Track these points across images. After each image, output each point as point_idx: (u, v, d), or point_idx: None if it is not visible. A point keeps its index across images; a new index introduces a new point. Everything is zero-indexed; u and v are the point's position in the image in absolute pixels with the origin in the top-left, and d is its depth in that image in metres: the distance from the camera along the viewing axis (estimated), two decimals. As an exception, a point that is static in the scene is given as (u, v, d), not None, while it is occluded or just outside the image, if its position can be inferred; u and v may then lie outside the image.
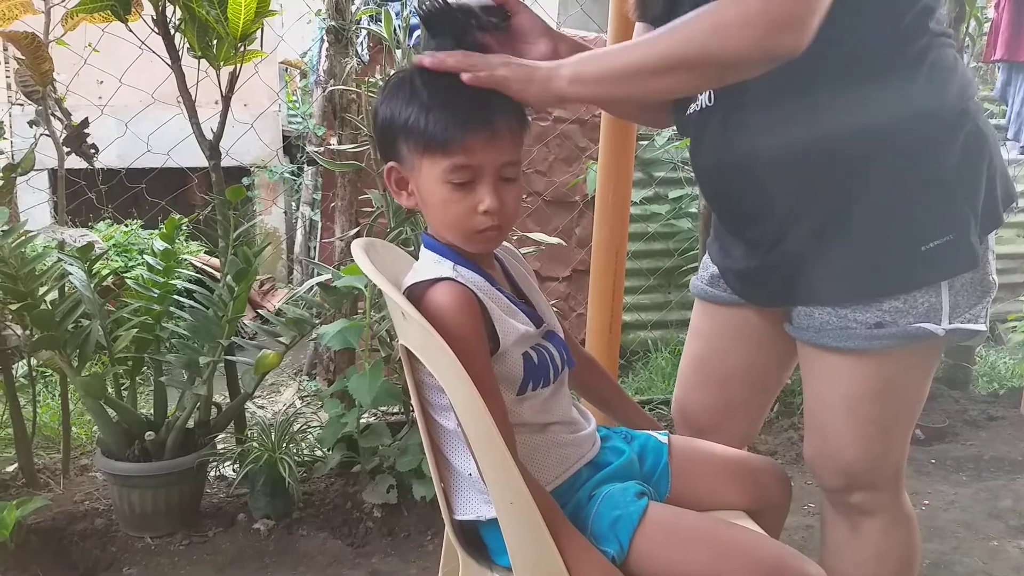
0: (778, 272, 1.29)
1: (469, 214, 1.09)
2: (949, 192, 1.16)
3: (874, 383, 1.24)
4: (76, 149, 2.46)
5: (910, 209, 1.16)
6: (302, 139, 5.35)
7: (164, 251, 2.41)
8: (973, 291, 1.19)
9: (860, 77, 1.15)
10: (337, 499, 2.44)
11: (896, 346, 1.19)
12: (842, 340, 1.22)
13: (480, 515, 1.14)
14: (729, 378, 1.51)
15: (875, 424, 1.26)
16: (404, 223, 2.41)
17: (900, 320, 1.18)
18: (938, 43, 1.18)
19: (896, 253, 1.17)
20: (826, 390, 1.29)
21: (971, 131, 1.17)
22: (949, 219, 1.16)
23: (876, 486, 1.32)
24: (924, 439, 3.13)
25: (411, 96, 1.09)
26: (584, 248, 3.59)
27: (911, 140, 1.15)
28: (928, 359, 1.26)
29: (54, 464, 2.65)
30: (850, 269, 1.19)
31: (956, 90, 1.18)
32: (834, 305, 1.22)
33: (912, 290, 1.17)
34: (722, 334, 1.50)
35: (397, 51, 2.46)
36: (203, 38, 2.22)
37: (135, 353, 2.39)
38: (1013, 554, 2.27)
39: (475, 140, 1.06)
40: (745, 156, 1.23)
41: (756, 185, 1.24)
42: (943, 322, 1.17)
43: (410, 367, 1.14)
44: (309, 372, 3.81)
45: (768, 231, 1.27)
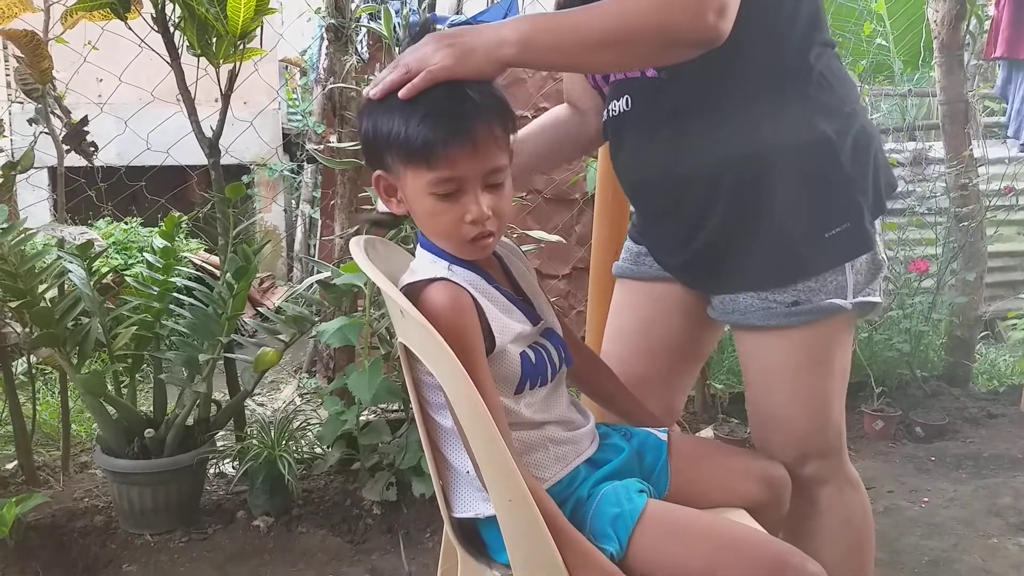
0: (700, 264, 1.38)
1: (456, 224, 1.08)
2: (844, 185, 1.29)
3: (803, 355, 1.35)
4: (76, 147, 2.46)
5: (812, 201, 1.28)
6: (302, 137, 5.35)
7: (164, 249, 2.41)
8: (869, 269, 1.33)
9: (758, 87, 1.26)
10: (336, 496, 2.44)
11: (813, 321, 1.31)
12: (765, 319, 1.33)
13: (479, 513, 1.14)
14: (655, 349, 1.56)
15: (816, 393, 1.37)
16: (403, 221, 2.41)
17: (814, 298, 1.30)
18: (826, 54, 1.31)
19: (805, 240, 1.29)
20: (763, 368, 1.39)
21: (859, 130, 1.30)
22: (846, 208, 1.29)
23: (826, 454, 1.41)
24: (924, 436, 3.14)
25: (391, 108, 1.07)
26: (584, 246, 3.58)
27: (809, 141, 1.27)
28: (844, 331, 1.38)
29: (54, 461, 2.65)
30: (767, 257, 1.30)
31: (843, 95, 1.32)
32: (756, 290, 1.33)
33: (821, 271, 1.29)
34: (648, 307, 1.56)
35: (396, 49, 2.45)
36: (203, 36, 2.22)
37: (135, 350, 2.40)
38: (1012, 551, 2.27)
39: (456, 153, 1.04)
40: (657, 160, 1.34)
41: (670, 186, 1.35)
42: (849, 297, 1.31)
43: (408, 365, 1.14)
44: (309, 370, 3.81)
45: (686, 227, 1.36)
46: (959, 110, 3.56)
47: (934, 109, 3.88)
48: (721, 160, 1.28)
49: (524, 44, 1.10)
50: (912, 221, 3.61)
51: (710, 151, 1.28)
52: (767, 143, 1.26)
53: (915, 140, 4.00)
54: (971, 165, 3.56)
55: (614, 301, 1.67)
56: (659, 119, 1.32)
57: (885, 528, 2.40)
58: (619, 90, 1.39)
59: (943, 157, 3.65)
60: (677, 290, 1.50)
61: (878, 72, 5.23)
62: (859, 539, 1.46)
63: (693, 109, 1.29)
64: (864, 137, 1.31)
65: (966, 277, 3.58)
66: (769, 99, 1.26)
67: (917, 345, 3.48)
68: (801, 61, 1.27)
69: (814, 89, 1.28)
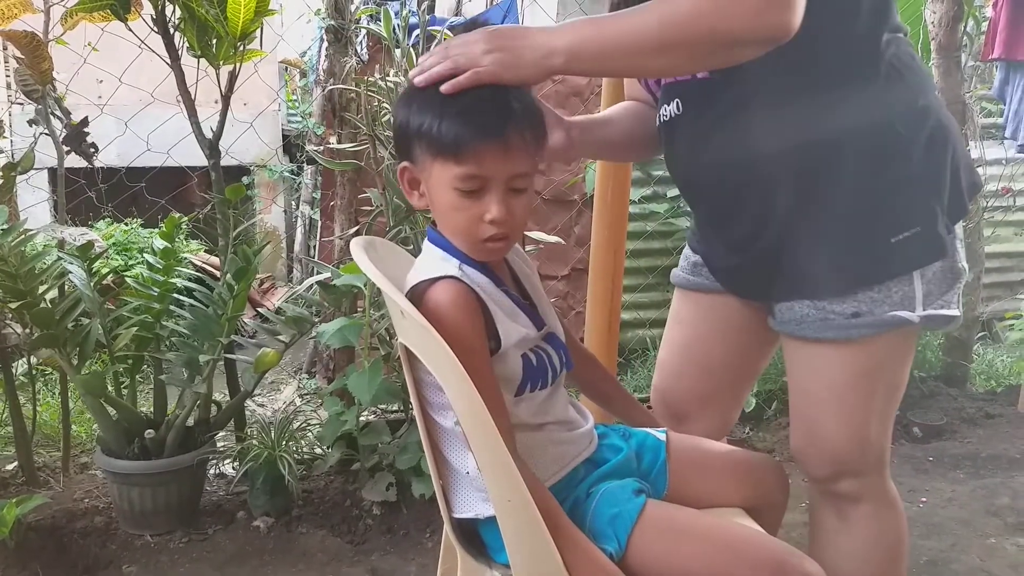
0: (757, 270, 1.33)
1: (475, 222, 1.09)
2: (915, 186, 1.20)
3: (856, 371, 1.27)
4: (76, 148, 2.47)
5: (878, 204, 1.20)
6: (302, 138, 5.35)
7: (164, 250, 2.41)
8: (944, 279, 1.24)
9: (821, 81, 1.18)
10: (336, 497, 2.45)
11: (873, 334, 1.23)
12: (822, 331, 1.25)
13: (478, 513, 1.14)
14: (714, 365, 1.52)
15: (860, 411, 1.30)
16: (403, 221, 2.41)
17: (876, 309, 1.22)
18: (895, 41, 1.22)
19: (868, 246, 1.21)
20: (811, 381, 1.32)
21: (934, 126, 1.22)
22: (916, 212, 1.20)
23: (863, 472, 1.35)
24: (922, 436, 3.14)
25: (429, 101, 1.08)
26: (583, 247, 3.59)
27: (875, 139, 1.19)
28: (905, 346, 1.30)
29: (54, 462, 2.65)
30: (825, 264, 1.23)
31: (916, 87, 1.22)
32: (812, 298, 1.25)
33: (885, 280, 1.21)
34: (706, 321, 1.52)
35: (396, 50, 2.46)
36: (202, 37, 2.22)
37: (135, 351, 2.40)
38: (1010, 551, 2.28)
39: (487, 151, 1.05)
40: (715, 163, 1.28)
41: (728, 190, 1.29)
42: (917, 309, 1.22)
43: (409, 365, 1.15)
44: (309, 370, 3.81)
45: (743, 233, 1.31)
46: (957, 111, 3.56)
47: (932, 110, 3.88)
48: (780, 161, 1.21)
49: (572, 54, 1.08)
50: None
51: (768, 152, 1.21)
52: (829, 141, 1.19)
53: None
54: (969, 166, 3.57)
55: (672, 310, 1.60)
56: (713, 121, 1.26)
57: (883, 528, 2.40)
58: (669, 94, 1.33)
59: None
60: (734, 304, 1.45)
61: (876, 73, 5.23)
62: (889, 560, 1.40)
63: (749, 110, 1.22)
64: (940, 133, 1.23)
65: (964, 278, 3.59)
66: (832, 94, 1.19)
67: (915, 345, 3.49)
68: (868, 50, 1.19)
69: (883, 81, 1.19)
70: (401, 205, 2.42)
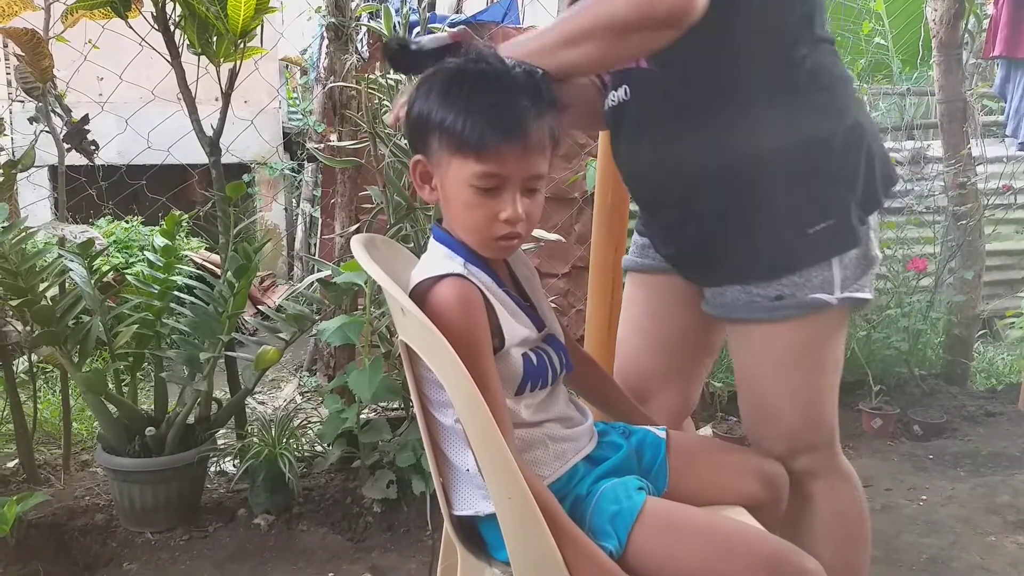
0: (690, 256, 1.42)
1: (489, 220, 1.10)
2: (830, 182, 1.30)
3: (788, 350, 1.36)
4: (76, 146, 2.47)
5: (797, 197, 1.29)
6: (302, 136, 5.35)
7: (164, 247, 2.42)
8: (859, 265, 1.33)
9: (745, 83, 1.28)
10: (337, 494, 2.45)
11: (797, 315, 1.32)
12: (749, 312, 1.35)
13: (478, 510, 1.14)
14: (669, 342, 1.58)
15: (803, 387, 1.38)
16: (404, 219, 2.41)
17: (798, 292, 1.31)
18: (820, 50, 1.32)
19: (788, 236, 1.30)
20: (751, 361, 1.40)
21: (849, 127, 1.31)
22: (831, 205, 1.30)
23: (816, 447, 1.42)
24: (922, 434, 3.14)
25: (454, 97, 1.08)
26: (583, 245, 3.59)
27: (793, 137, 1.28)
28: (835, 325, 1.38)
29: (55, 460, 2.66)
30: (752, 251, 1.32)
31: (834, 91, 1.32)
32: (740, 283, 1.34)
33: (805, 267, 1.30)
34: (658, 300, 1.58)
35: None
36: (203, 35, 2.22)
37: (135, 349, 2.40)
38: (1010, 549, 2.28)
39: (508, 150, 1.06)
40: (650, 151, 1.37)
41: (660, 178, 1.39)
42: (836, 292, 1.31)
43: (409, 363, 1.15)
44: (309, 368, 3.82)
45: (674, 220, 1.40)
46: (957, 109, 3.56)
47: (933, 108, 3.89)
48: (707, 154, 1.30)
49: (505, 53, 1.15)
50: (910, 220, 3.61)
51: (696, 144, 1.30)
52: (752, 139, 1.28)
53: (913, 139, 4.00)
54: (969, 164, 3.57)
55: (625, 294, 1.69)
56: (652, 110, 1.35)
57: (883, 526, 2.41)
58: (618, 80, 1.41)
59: (941, 156, 3.65)
60: (679, 281, 1.51)
61: (877, 71, 5.24)
62: (853, 534, 1.46)
63: (682, 102, 1.31)
64: (855, 132, 1.32)
65: (964, 276, 3.59)
66: (755, 95, 1.28)
67: (915, 343, 3.49)
68: (790, 57, 1.28)
69: (802, 85, 1.29)
70: (402, 203, 2.42)
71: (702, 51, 1.20)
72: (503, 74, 1.10)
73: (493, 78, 1.09)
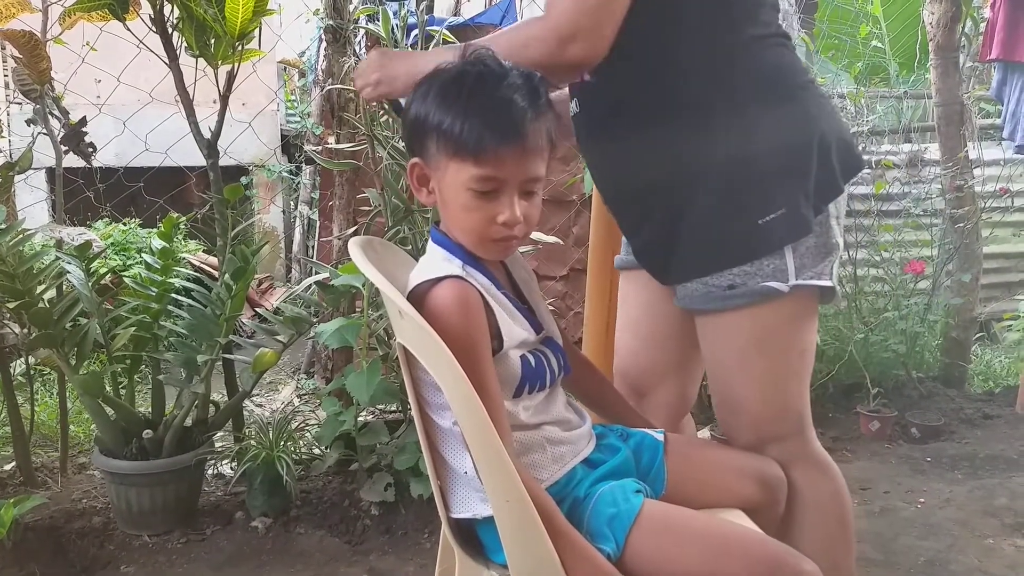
0: (652, 254, 1.44)
1: (487, 223, 1.10)
2: (778, 173, 1.31)
3: (747, 338, 1.38)
4: (74, 148, 2.46)
5: (746, 190, 1.31)
6: (300, 138, 5.35)
7: (162, 250, 2.41)
8: (817, 253, 1.35)
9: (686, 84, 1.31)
10: (335, 497, 2.44)
11: (750, 303, 1.34)
12: (705, 303, 1.37)
13: (476, 513, 1.14)
14: (664, 336, 1.60)
15: (766, 375, 1.40)
16: (402, 222, 2.41)
17: (749, 281, 1.33)
18: (763, 44, 1.35)
19: (739, 227, 1.32)
20: (715, 350, 1.42)
21: (798, 117, 1.33)
22: (781, 195, 1.31)
23: (784, 437, 1.42)
24: (920, 437, 3.14)
25: (451, 100, 1.09)
26: (581, 247, 3.58)
27: (737, 132, 1.30)
28: (795, 313, 1.39)
29: (52, 462, 2.65)
30: (705, 244, 1.35)
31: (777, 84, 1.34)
32: (696, 276, 1.37)
33: (755, 257, 1.32)
34: (648, 296, 1.60)
35: (395, 50, 2.46)
36: (201, 37, 2.22)
37: (133, 351, 2.40)
38: (1008, 552, 2.28)
39: (506, 154, 1.07)
40: (601, 158, 1.43)
41: (614, 183, 1.44)
42: (789, 280, 1.33)
43: (407, 365, 1.15)
44: (307, 370, 3.81)
45: (632, 221, 1.44)
46: (955, 112, 3.57)
47: (930, 111, 3.89)
48: (653, 156, 1.34)
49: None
50: (908, 223, 3.62)
51: (642, 148, 1.35)
52: (695, 137, 1.31)
53: (911, 142, 4.00)
54: (967, 167, 3.57)
55: (620, 293, 1.72)
56: (597, 119, 1.40)
57: (881, 529, 2.41)
58: (571, 93, 1.46)
59: (939, 159, 3.66)
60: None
61: (874, 74, 5.25)
62: (832, 524, 1.45)
63: (623, 109, 1.35)
64: (804, 123, 1.34)
65: (962, 278, 3.59)
66: (696, 95, 1.31)
67: (913, 346, 3.49)
68: (726, 54, 1.31)
69: (741, 81, 1.31)
70: (400, 205, 2.42)
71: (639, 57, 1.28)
72: (501, 77, 1.10)
73: (491, 81, 1.09)
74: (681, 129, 1.31)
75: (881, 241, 3.50)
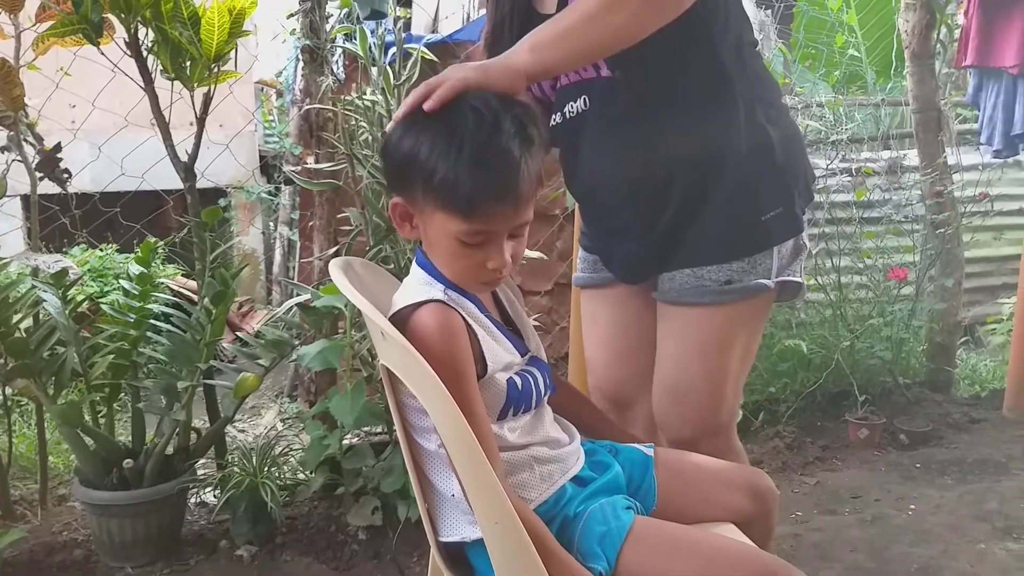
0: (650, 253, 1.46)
1: (476, 269, 1.09)
2: (779, 172, 1.39)
3: (721, 334, 1.43)
4: (49, 174, 2.43)
5: (753, 187, 1.37)
6: (279, 159, 5.32)
7: (140, 275, 2.38)
8: (792, 252, 1.43)
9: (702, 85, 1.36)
10: (321, 522, 2.41)
11: (741, 299, 1.39)
12: (698, 296, 1.40)
13: (465, 536, 1.13)
14: (633, 349, 1.61)
15: (721, 372, 1.45)
16: (383, 240, 2.39)
17: (744, 278, 1.38)
18: (755, 53, 1.43)
19: (744, 223, 1.38)
20: (681, 343, 1.45)
21: (788, 123, 1.43)
22: (780, 194, 1.39)
23: (718, 431, 1.49)
24: (908, 443, 3.14)
25: (442, 147, 1.03)
26: (566, 261, 3.58)
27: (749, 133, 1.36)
28: (762, 311, 1.47)
29: (31, 495, 2.60)
30: (710, 238, 1.39)
31: (774, 91, 1.44)
32: (694, 266, 1.40)
33: (755, 253, 1.38)
34: (618, 311, 1.62)
35: (373, 69, 2.45)
36: (176, 60, 2.20)
37: (112, 379, 2.35)
38: (1000, 556, 2.28)
39: (499, 212, 1.05)
40: (618, 155, 1.42)
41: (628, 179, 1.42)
42: (773, 277, 1.40)
43: (392, 388, 1.13)
44: (290, 394, 3.77)
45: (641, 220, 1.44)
46: (932, 118, 3.60)
47: (908, 118, 3.92)
48: (674, 152, 1.37)
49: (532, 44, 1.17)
50: (889, 229, 3.63)
51: (664, 144, 1.37)
52: (713, 136, 1.36)
53: (890, 149, 4.03)
54: (946, 172, 3.59)
55: (584, 312, 1.72)
56: (617, 116, 1.40)
57: (873, 537, 2.40)
58: (575, 92, 1.45)
59: (918, 165, 3.68)
60: (627, 291, 1.57)
61: (851, 82, 5.30)
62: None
63: (647, 106, 1.37)
64: (792, 129, 1.44)
65: (944, 283, 3.61)
66: (712, 96, 1.36)
67: (899, 352, 3.50)
68: (736, 59, 1.37)
69: (749, 85, 1.37)
70: (381, 224, 2.40)
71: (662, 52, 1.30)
72: (496, 124, 1.04)
73: (486, 129, 1.03)
74: (700, 128, 1.36)
75: (864, 248, 3.51)
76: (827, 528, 2.45)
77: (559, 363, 3.41)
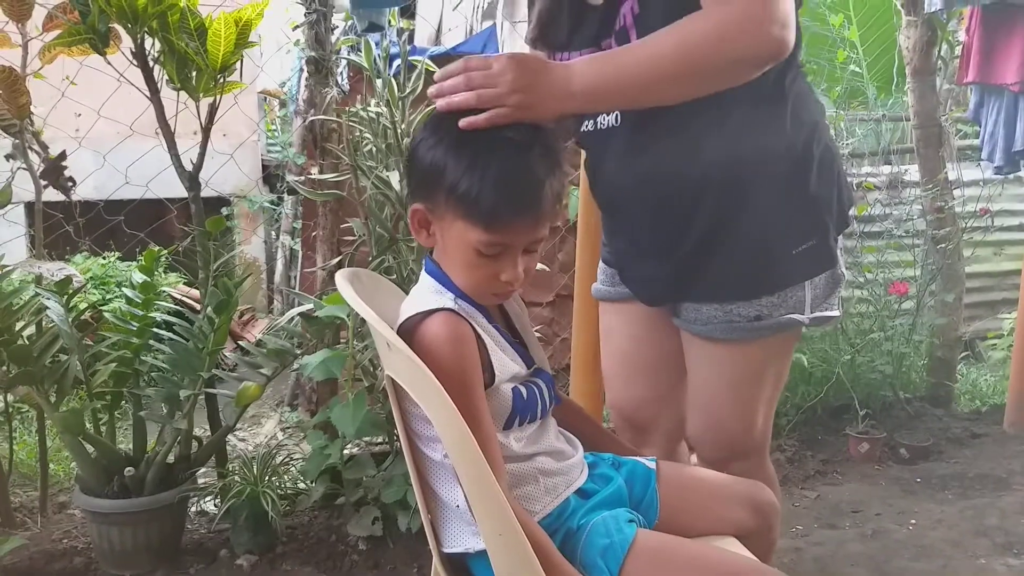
0: (672, 278, 1.41)
1: (490, 280, 1.10)
2: (812, 203, 1.34)
3: (754, 367, 1.42)
4: (53, 182, 2.44)
5: (784, 218, 1.32)
6: (282, 168, 5.33)
7: (143, 283, 2.38)
8: (828, 284, 1.38)
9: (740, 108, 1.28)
10: (321, 532, 2.41)
11: (771, 335, 1.37)
12: (727, 332, 1.37)
13: (468, 547, 1.12)
14: (654, 366, 1.59)
15: (752, 401, 1.45)
16: (386, 251, 2.40)
17: (775, 313, 1.34)
18: (800, 76, 1.36)
19: (773, 257, 1.33)
20: (712, 376, 1.44)
21: (824, 148, 1.35)
22: (813, 226, 1.34)
23: (749, 454, 1.49)
24: (909, 458, 3.14)
25: (468, 160, 1.05)
26: (567, 273, 3.58)
27: (782, 161, 1.31)
28: (792, 342, 1.46)
29: (31, 502, 2.60)
30: (736, 271, 1.34)
31: (814, 116, 1.36)
32: (720, 302, 1.36)
33: (786, 287, 1.34)
34: (636, 326, 1.59)
35: (377, 80, 2.46)
36: (182, 70, 2.21)
37: (114, 387, 2.36)
38: (1000, 571, 2.27)
39: (519, 226, 1.07)
40: (646, 173, 1.36)
41: (655, 200, 1.38)
42: (806, 312, 1.36)
43: (396, 397, 1.13)
44: (291, 403, 3.77)
45: (664, 241, 1.40)
46: (933, 134, 3.61)
47: (909, 133, 3.93)
48: (704, 176, 1.31)
49: (589, 95, 1.15)
50: (890, 244, 3.64)
51: (696, 166, 1.31)
52: (747, 160, 1.30)
53: (890, 164, 4.04)
54: (946, 188, 3.60)
55: (602, 325, 1.69)
56: (650, 134, 1.34)
57: (874, 552, 2.39)
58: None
59: (919, 180, 3.69)
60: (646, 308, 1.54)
61: (852, 98, 5.30)
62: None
63: (682, 127, 1.30)
64: (829, 155, 1.36)
65: (945, 298, 3.61)
66: (750, 119, 1.30)
67: (899, 367, 3.50)
68: (778, 83, 1.31)
69: (789, 111, 1.31)
70: (384, 234, 2.41)
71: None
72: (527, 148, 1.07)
73: (516, 150, 1.06)
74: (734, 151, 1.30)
75: (864, 262, 3.52)
76: (828, 542, 2.45)
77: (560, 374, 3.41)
